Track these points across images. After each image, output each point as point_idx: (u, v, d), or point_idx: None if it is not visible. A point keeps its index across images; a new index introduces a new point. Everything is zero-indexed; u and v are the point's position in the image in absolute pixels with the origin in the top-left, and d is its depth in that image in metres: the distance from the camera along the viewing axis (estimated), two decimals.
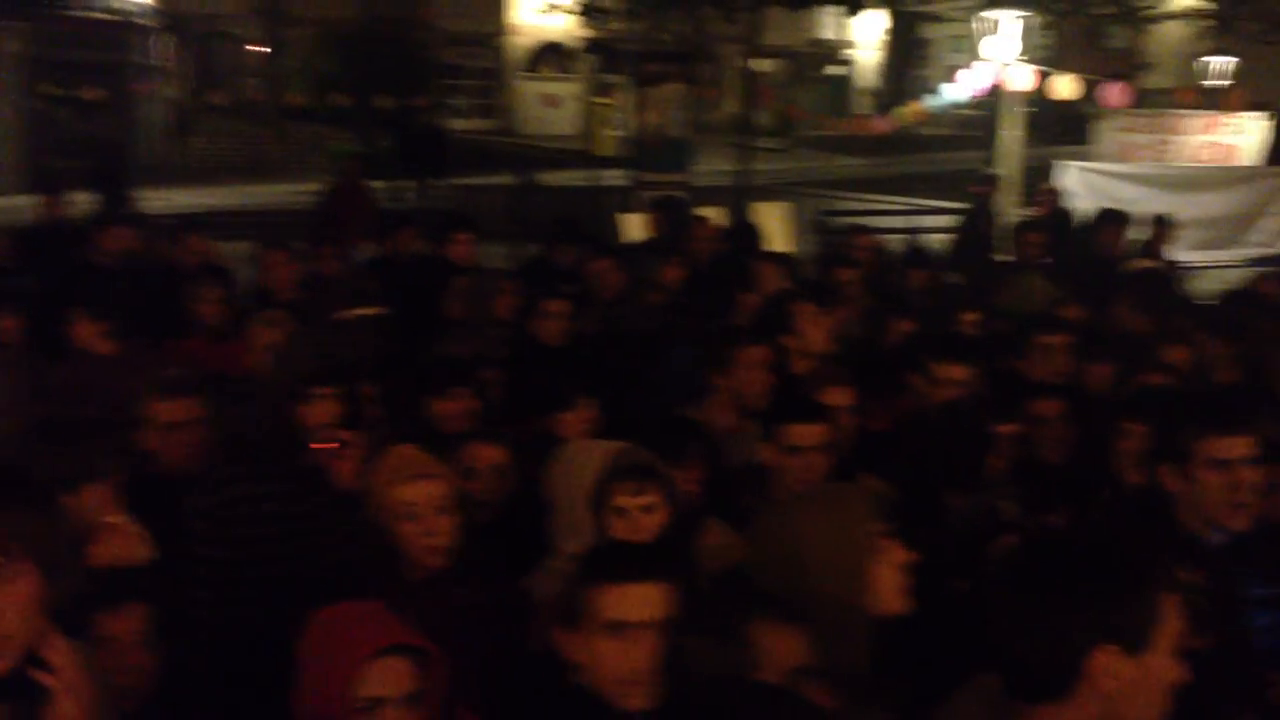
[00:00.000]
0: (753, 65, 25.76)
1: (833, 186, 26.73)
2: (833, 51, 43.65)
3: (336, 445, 3.85)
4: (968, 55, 21.57)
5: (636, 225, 12.32)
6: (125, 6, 28.58)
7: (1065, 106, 20.84)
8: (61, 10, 27.03)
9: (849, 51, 43.96)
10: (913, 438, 4.54)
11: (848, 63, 44.15)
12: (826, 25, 41.30)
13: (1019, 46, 18.95)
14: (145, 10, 29.62)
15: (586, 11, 27.92)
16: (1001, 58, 18.80)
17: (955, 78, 20.61)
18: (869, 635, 2.82)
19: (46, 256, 8.59)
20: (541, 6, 32.68)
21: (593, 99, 34.88)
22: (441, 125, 28.22)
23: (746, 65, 22.59)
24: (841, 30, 42.29)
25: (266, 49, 35.18)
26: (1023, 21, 19.03)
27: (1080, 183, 16.67)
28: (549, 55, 39.81)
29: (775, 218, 14.72)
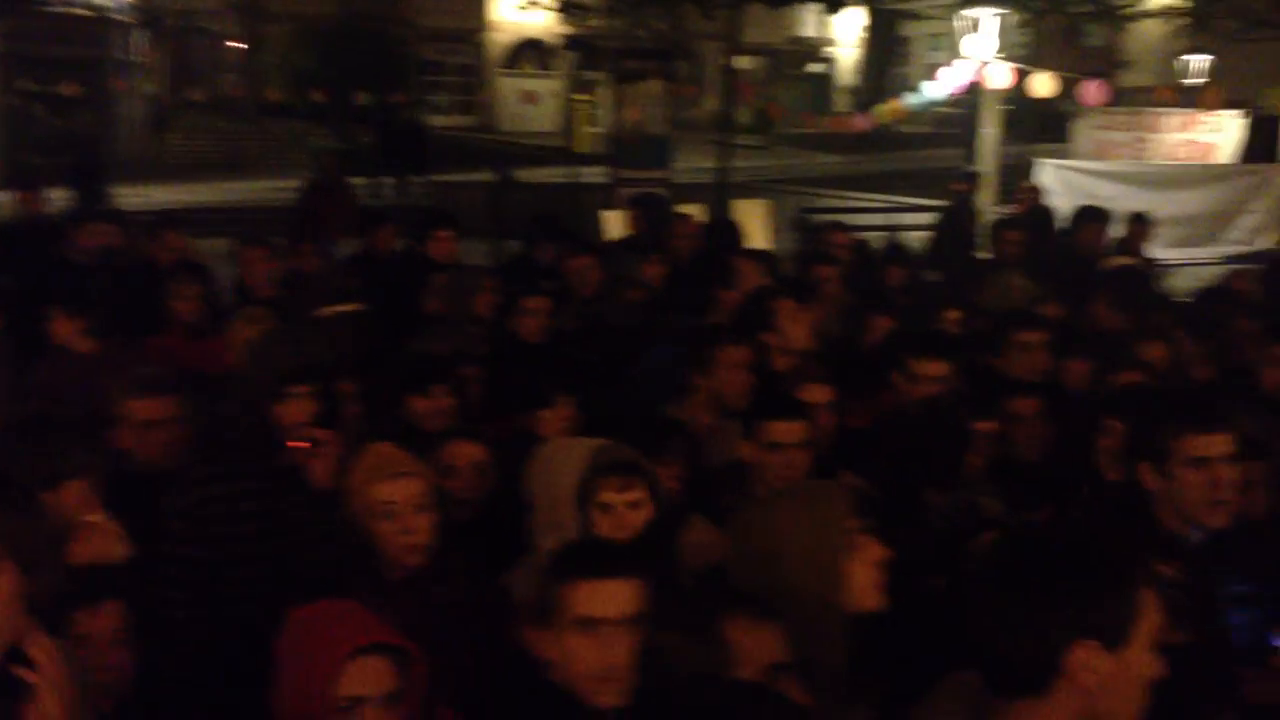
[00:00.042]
0: (733, 62, 25.78)
1: (813, 184, 26.78)
2: (813, 49, 43.74)
3: (311, 444, 3.84)
4: (947, 53, 21.64)
5: (617, 222, 12.31)
6: (103, 2, 28.46)
7: (1044, 104, 20.89)
8: (39, 6, 26.91)
9: (829, 49, 44.04)
10: (892, 435, 4.56)
11: (828, 60, 44.24)
12: (806, 23, 41.37)
13: (997, 44, 19.00)
14: (123, 6, 29.51)
15: (566, 8, 27.88)
16: (980, 55, 18.84)
17: (935, 75, 20.66)
18: (845, 631, 2.83)
19: (23, 253, 8.54)
20: (521, 3, 32.59)
21: (572, 96, 34.87)
22: (422, 122, 28.16)
23: (726, 62, 22.59)
24: (821, 28, 42.38)
25: (245, 45, 35.08)
26: (1001, 19, 19.08)
27: (1058, 180, 16.73)
28: (529, 52, 39.80)
29: (755, 215, 14.71)
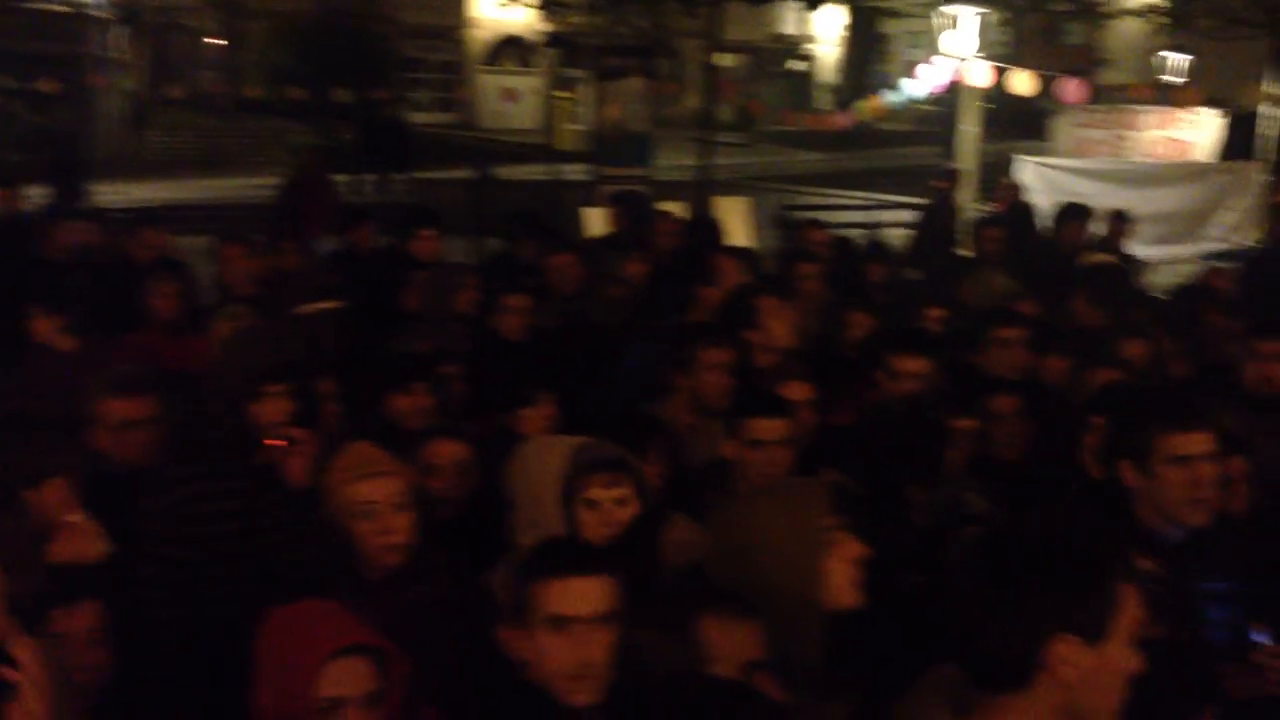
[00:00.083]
0: (714, 60, 25.75)
1: (794, 181, 26.81)
2: (793, 46, 43.77)
3: (288, 443, 3.82)
4: (927, 51, 21.65)
5: (598, 220, 12.31)
6: None
7: (1023, 102, 20.95)
8: (17, 2, 26.74)
9: (810, 46, 44.08)
10: (873, 432, 4.56)
11: (808, 58, 44.27)
12: (787, 20, 41.40)
13: (977, 42, 19.04)
14: (102, 2, 29.36)
15: (547, 5, 27.83)
16: (960, 53, 18.88)
17: (915, 73, 20.69)
18: (823, 628, 2.83)
19: (1, 251, 8.48)
20: (501, 0, 32.54)
21: (553, 93, 34.83)
22: (404, 119, 28.09)
23: (707, 60, 22.55)
24: (802, 25, 42.41)
25: (224, 41, 34.92)
26: (981, 17, 19.11)
27: (1037, 178, 16.80)
28: (509, 49, 39.71)
29: (736, 212, 14.71)
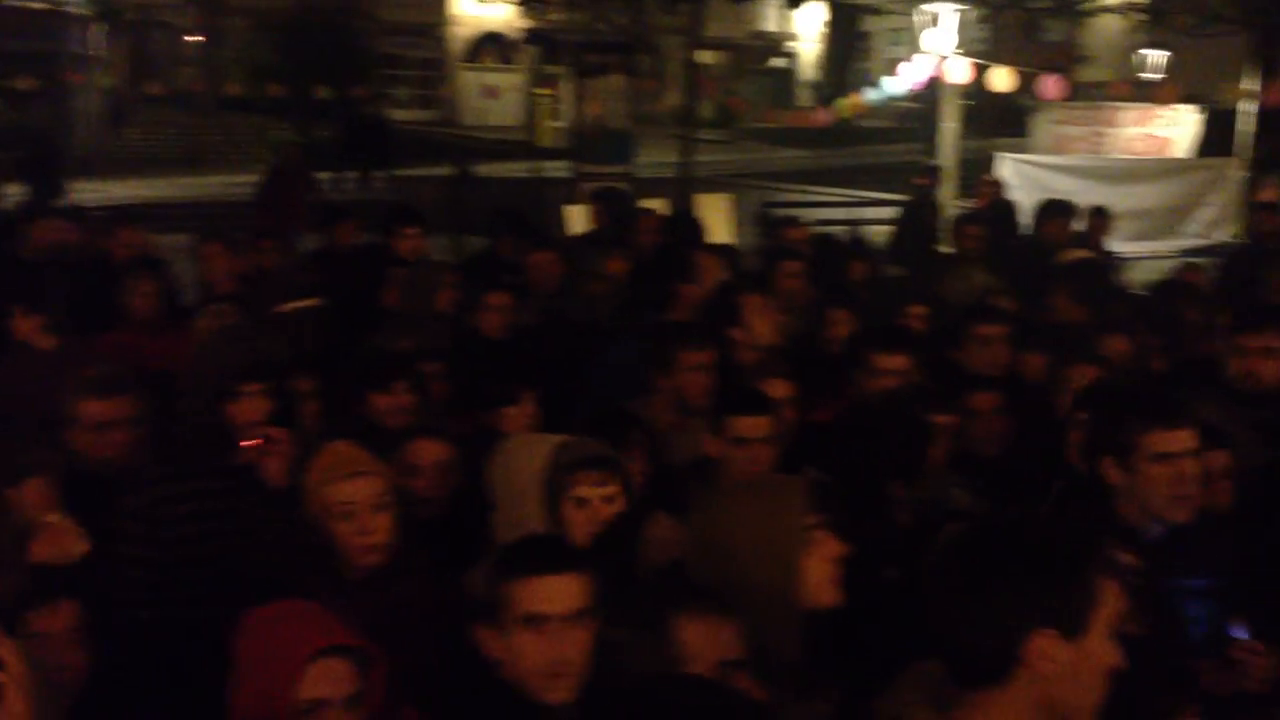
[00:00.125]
0: (694, 57, 25.74)
1: (775, 178, 26.85)
2: (774, 44, 43.82)
3: (262, 443, 3.81)
4: (908, 48, 21.70)
5: (579, 217, 12.29)
6: None
7: (1003, 99, 21.02)
8: None
9: (790, 44, 44.13)
10: (853, 429, 4.56)
11: (789, 55, 44.32)
12: (768, 17, 41.47)
13: (957, 39, 19.08)
14: None
15: (526, 2, 27.82)
16: (940, 50, 18.92)
17: (896, 70, 20.73)
18: (801, 626, 2.82)
19: None
20: None
21: (534, 90, 34.77)
22: (386, 116, 28.02)
23: (688, 57, 22.50)
24: (783, 22, 42.47)
25: (203, 38, 34.74)
26: (961, 14, 19.16)
27: (1017, 175, 16.87)
28: (489, 46, 39.65)
29: (718, 210, 14.73)
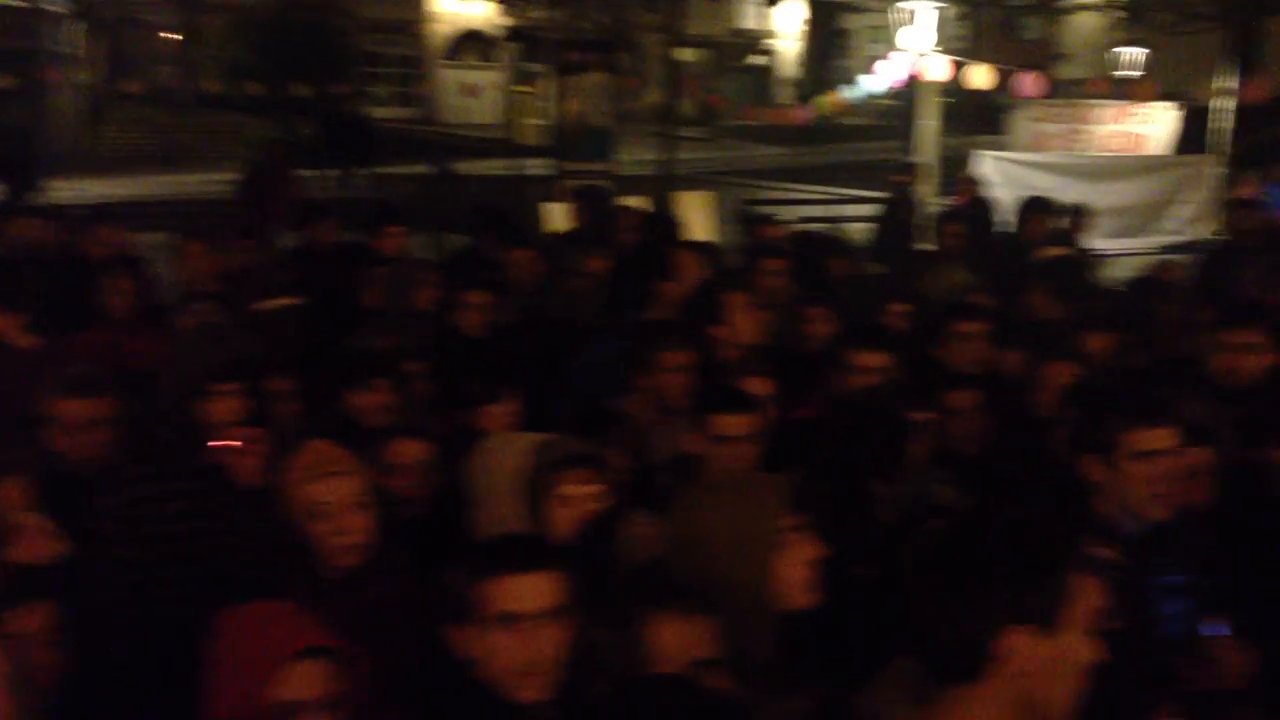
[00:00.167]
0: (674, 54, 25.77)
1: (755, 176, 26.88)
2: (754, 41, 43.88)
3: (237, 443, 3.79)
4: (887, 45, 21.74)
5: (559, 215, 12.28)
6: None
7: (981, 97, 21.10)
8: None
9: (770, 41, 44.20)
10: (833, 426, 4.57)
11: (769, 52, 44.40)
12: (748, 15, 41.53)
13: (935, 37, 19.13)
14: None
15: None
16: (918, 48, 18.97)
17: (874, 68, 20.77)
18: (775, 625, 2.83)
19: None
20: None
21: (514, 88, 34.74)
22: (365, 114, 27.96)
23: (668, 54, 22.57)
24: (762, 20, 42.54)
25: (181, 36, 34.60)
26: (939, 12, 19.21)
27: (995, 172, 16.90)
28: (470, 43, 39.59)
29: (698, 207, 14.73)
